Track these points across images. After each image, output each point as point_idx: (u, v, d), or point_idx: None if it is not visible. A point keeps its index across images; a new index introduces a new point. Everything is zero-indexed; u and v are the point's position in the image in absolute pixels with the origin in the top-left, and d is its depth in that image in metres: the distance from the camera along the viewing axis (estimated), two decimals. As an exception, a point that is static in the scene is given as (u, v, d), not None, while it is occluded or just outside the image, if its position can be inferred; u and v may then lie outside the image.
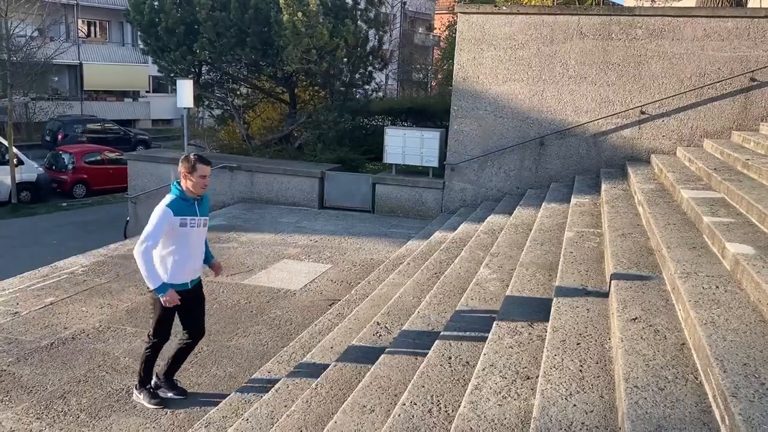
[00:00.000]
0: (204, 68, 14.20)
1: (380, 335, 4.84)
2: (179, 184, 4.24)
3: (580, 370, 3.11)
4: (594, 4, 15.90)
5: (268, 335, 5.76)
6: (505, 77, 9.34)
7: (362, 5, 13.89)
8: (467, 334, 4.23)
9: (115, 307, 6.38)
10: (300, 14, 11.98)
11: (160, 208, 4.12)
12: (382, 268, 7.37)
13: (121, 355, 5.29)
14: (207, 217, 4.38)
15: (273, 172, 11.57)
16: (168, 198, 4.18)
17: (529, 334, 3.88)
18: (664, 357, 2.95)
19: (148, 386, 4.55)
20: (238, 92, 15.17)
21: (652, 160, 8.24)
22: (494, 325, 4.04)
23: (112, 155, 18.69)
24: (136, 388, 4.58)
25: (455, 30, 9.80)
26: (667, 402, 2.55)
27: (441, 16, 36.80)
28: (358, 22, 13.60)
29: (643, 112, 8.73)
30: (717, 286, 3.52)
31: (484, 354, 3.61)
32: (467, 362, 3.84)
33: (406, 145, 10.91)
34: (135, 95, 33.28)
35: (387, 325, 5.01)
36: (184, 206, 4.18)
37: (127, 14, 14.20)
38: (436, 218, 10.06)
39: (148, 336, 4.45)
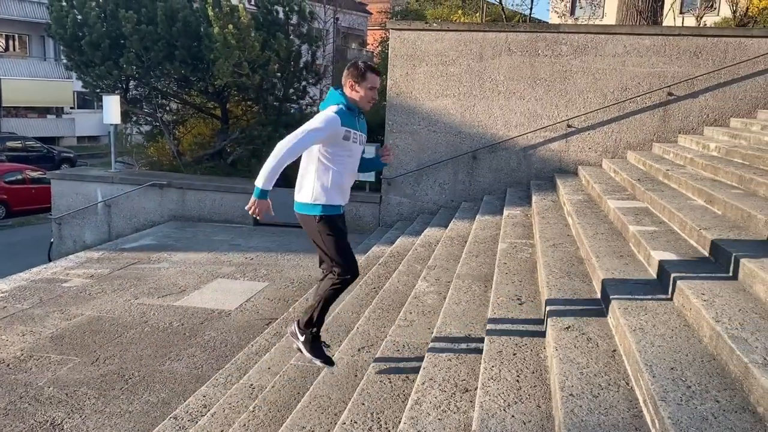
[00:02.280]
0: (131, 83, 13.80)
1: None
2: (342, 92, 3.72)
3: (517, 381, 3.15)
4: (521, 21, 16.42)
5: (202, 358, 5.59)
6: (438, 92, 9.49)
7: (294, 20, 13.85)
8: (406, 348, 4.23)
9: (39, 334, 6.05)
10: (231, 27, 11.83)
11: (325, 114, 3.58)
12: (319, 285, 7.29)
13: (45, 385, 5.01)
14: (365, 135, 3.84)
15: (205, 189, 11.32)
16: (333, 107, 3.63)
17: (467, 345, 3.91)
18: (597, 364, 3.02)
19: (313, 330, 3.93)
20: (167, 108, 14.81)
21: (579, 172, 8.53)
22: (432, 338, 4.05)
23: (34, 174, 17.86)
24: (298, 327, 3.94)
25: (388, 46, 9.89)
26: (601, 409, 2.61)
27: (374, 32, 37.18)
28: (291, 36, 13.55)
29: (569, 126, 9.03)
30: (644, 293, 3.65)
31: (423, 368, 3.61)
32: (407, 377, 3.83)
33: (342, 159, 10.90)
34: (59, 111, 32.00)
35: (326, 343, 4.94)
36: (349, 117, 3.63)
37: (48, 28, 13.65)
38: (373, 232, 10.06)
39: (337, 273, 3.75)
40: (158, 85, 13.84)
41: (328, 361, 3.98)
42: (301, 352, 4.03)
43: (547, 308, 3.81)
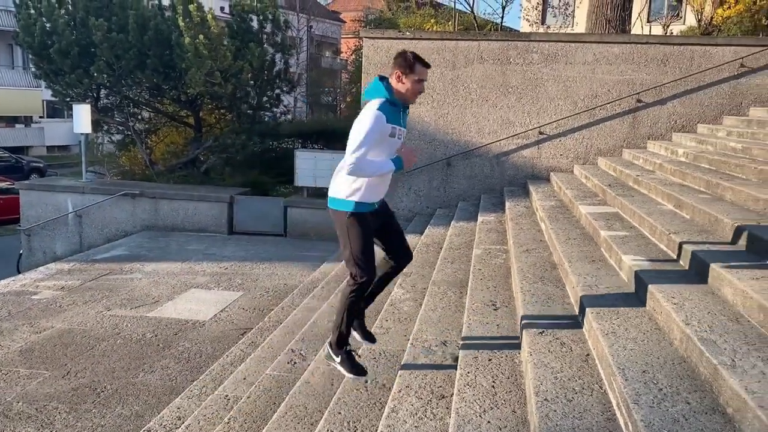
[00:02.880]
0: (102, 92, 13.63)
1: (295, 363, 4.75)
2: (385, 84, 3.47)
3: (493, 386, 3.17)
4: (493, 29, 16.60)
5: (176, 369, 5.52)
6: (412, 100, 9.52)
7: (269, 29, 13.83)
8: (383, 356, 4.23)
9: (7, 348, 5.92)
10: (202, 37, 11.77)
11: (370, 112, 3.33)
12: (296, 293, 7.27)
13: (13, 400, 4.90)
14: (405, 130, 3.61)
15: (178, 198, 11.21)
16: (375, 101, 3.40)
17: (443, 352, 3.92)
18: (570, 368, 3.06)
19: (347, 347, 3.69)
20: (139, 116, 14.65)
21: (551, 178, 8.63)
22: (408, 345, 4.05)
23: (2, 185, 17.48)
24: (331, 348, 3.71)
25: (362, 54, 9.92)
26: (575, 413, 2.64)
27: (347, 40, 37.26)
28: (264, 45, 13.52)
29: (541, 133, 9.14)
30: (616, 297, 3.71)
31: (400, 375, 3.62)
32: (384, 384, 3.83)
33: (318, 167, 10.91)
34: (27, 121, 31.42)
35: (302, 352, 4.93)
36: (392, 112, 3.42)
37: (16, 36, 13.42)
38: (348, 240, 10.04)
39: (353, 276, 3.56)
40: (130, 94, 13.69)
41: (362, 372, 3.71)
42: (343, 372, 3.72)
43: (522, 313, 3.84)
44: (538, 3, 18.07)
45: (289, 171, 11.43)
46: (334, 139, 14.14)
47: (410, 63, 3.43)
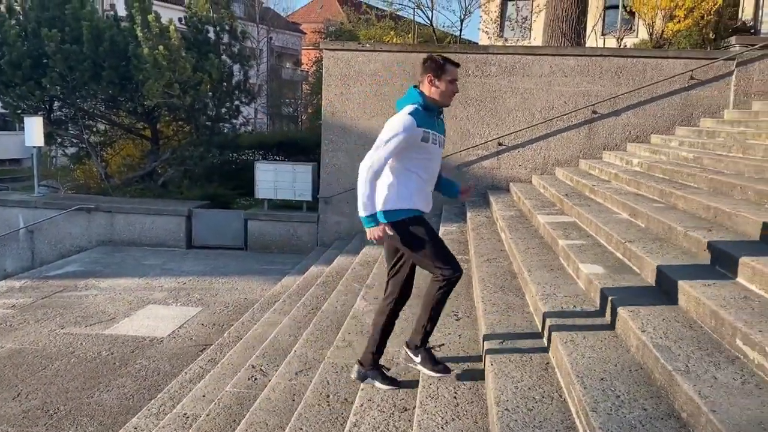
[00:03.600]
0: (55, 104, 13.29)
1: (256, 379, 4.67)
2: (419, 91, 3.43)
3: (455, 397, 3.17)
4: (451, 42, 16.79)
5: (133, 388, 5.37)
6: (373, 112, 9.56)
7: (226, 40, 13.71)
8: (345, 370, 4.19)
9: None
10: (161, 48, 11.60)
11: (401, 115, 3.30)
12: (256, 308, 7.17)
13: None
14: (445, 137, 3.56)
15: (135, 212, 10.98)
16: (408, 107, 3.35)
17: (406, 364, 3.90)
18: (531, 378, 3.08)
19: (428, 345, 3.54)
20: (94, 129, 14.31)
21: (511, 188, 8.74)
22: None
23: (-52, 200, 16.85)
24: (410, 350, 3.53)
25: (322, 65, 9.92)
26: (535, 422, 2.65)
27: (308, 51, 37.22)
28: (223, 56, 13.39)
29: (500, 144, 9.26)
30: (574, 305, 3.76)
31: (362, 389, 3.59)
32: (346, 399, 3.79)
33: (278, 179, 10.82)
34: (-24, 133, 30.39)
35: (263, 368, 4.86)
36: (426, 117, 3.35)
37: (-36, 47, 12.99)
38: (311, 252, 9.99)
39: (443, 276, 3.36)
40: (84, 106, 13.38)
41: (446, 370, 3.44)
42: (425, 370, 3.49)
43: (483, 323, 3.86)
44: (496, 16, 18.38)
45: (250, 183, 11.31)
46: (296, 150, 14.07)
47: (440, 65, 3.40)
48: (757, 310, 2.87)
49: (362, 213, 3.36)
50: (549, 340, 3.41)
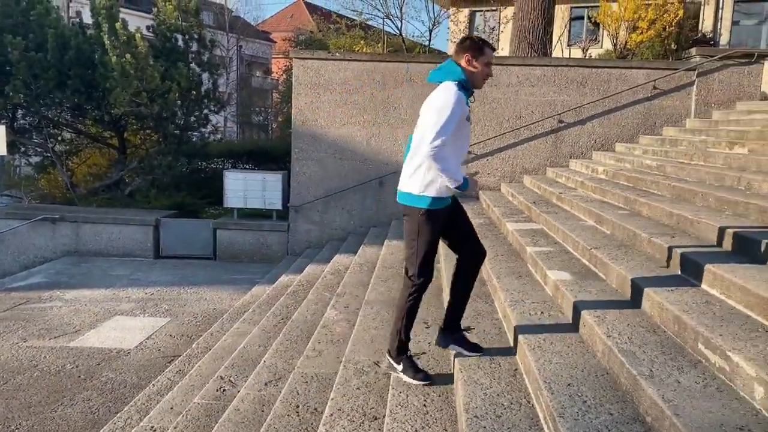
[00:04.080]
0: (19, 112, 13.01)
1: (224, 390, 4.62)
2: (462, 67, 3.32)
3: (425, 405, 3.18)
4: (421, 52, 16.92)
5: (99, 401, 5.26)
6: (343, 120, 9.57)
7: (195, 48, 13.59)
8: (315, 379, 4.17)
9: None
10: (128, 56, 11.46)
11: (451, 93, 3.18)
12: (225, 318, 7.09)
13: None
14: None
15: (102, 222, 10.79)
16: (451, 83, 3.25)
17: (376, 373, 3.90)
18: (499, 384, 3.10)
19: (409, 353, 3.49)
20: (59, 137, 14.03)
21: (480, 196, 8.82)
22: (341, 367, 4.01)
23: None
24: (392, 357, 3.50)
25: (292, 74, 9.90)
26: (504, 428, 2.67)
27: (278, 60, 37.12)
28: (191, 64, 13.27)
29: (469, 153, 9.34)
30: (541, 312, 3.80)
31: (332, 399, 3.57)
32: (315, 409, 3.77)
33: (248, 188, 10.74)
34: (-65, 142, 29.54)
35: (231, 379, 4.80)
36: (466, 96, 3.27)
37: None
38: (282, 261, 9.93)
39: (410, 277, 3.39)
40: (49, 114, 13.11)
41: (428, 377, 3.44)
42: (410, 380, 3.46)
43: (452, 331, 3.87)
44: (464, 27, 18.57)
45: (219, 192, 11.21)
46: (266, 159, 13.99)
47: (479, 46, 3.32)
48: (718, 315, 2.95)
49: (453, 184, 3.22)
50: (517, 346, 3.44)
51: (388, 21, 17.46)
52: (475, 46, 3.33)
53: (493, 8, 17.33)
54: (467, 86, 3.30)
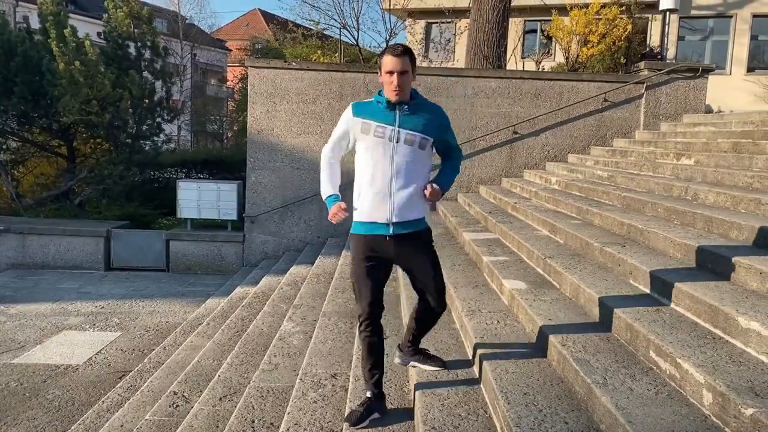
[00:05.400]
0: (-39, 120, 12.52)
1: (177, 406, 4.50)
2: None
3: (383, 418, 3.15)
4: (378, 62, 17.00)
5: (44, 420, 5.06)
6: (300, 130, 9.51)
7: (148, 56, 13.34)
8: (271, 393, 4.10)
9: None
10: (77, 63, 11.17)
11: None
12: (179, 331, 6.93)
13: None
14: (421, 134, 3.06)
15: (49, 233, 10.43)
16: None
17: (333, 385, 3.87)
18: (457, 395, 3.10)
19: (369, 394, 3.15)
20: (4, 146, 13.54)
21: (437, 206, 8.86)
22: (297, 380, 3.96)
23: None
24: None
25: (248, 83, 9.80)
26: (461, 439, 2.67)
27: (234, 68, 36.74)
28: (144, 72, 13.02)
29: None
30: (498, 321, 3.83)
31: (288, 413, 3.51)
32: (272, 423, 3.71)
33: (202, 198, 10.55)
34: None
35: (185, 394, 4.68)
36: (372, 107, 3.08)
37: None
38: (237, 273, 9.78)
39: (357, 314, 3.22)
40: (-7, 122, 12.66)
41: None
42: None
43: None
44: (421, 38, 18.75)
45: (172, 202, 10.98)
46: (221, 168, 13.77)
47: (382, 53, 3.11)
48: (668, 323, 3.02)
49: (322, 195, 3.30)
50: (474, 356, 3.46)
51: (345, 31, 17.49)
52: (381, 54, 3.11)
53: (449, 20, 17.56)
54: (384, 100, 3.08)
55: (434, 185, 3.14)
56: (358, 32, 19.66)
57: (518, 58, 15.87)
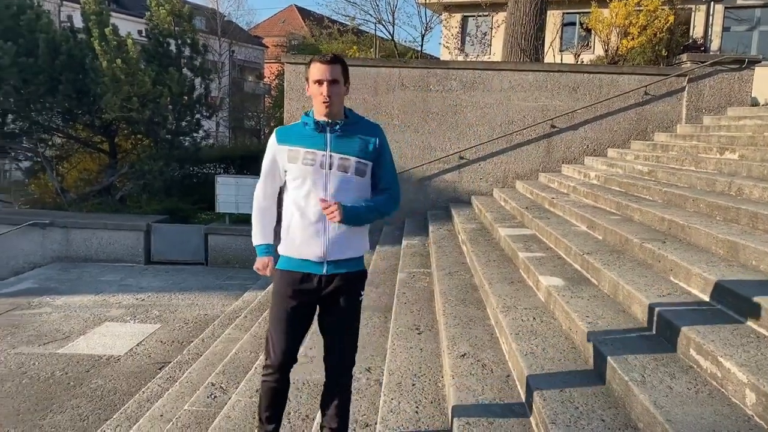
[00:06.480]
0: (9, 117, 12.94)
1: (215, 397, 4.58)
2: None
3: (416, 412, 3.16)
4: (413, 57, 16.94)
5: (88, 408, 5.21)
6: (335, 125, 9.55)
7: (188, 53, 13.57)
8: (306, 386, 4.14)
9: None
10: (119, 61, 11.43)
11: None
12: (217, 324, 7.05)
13: None
14: (357, 158, 2.68)
15: (92, 227, 10.72)
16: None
17: (367, 379, 3.89)
18: (491, 391, 3.09)
19: None
20: (50, 142, 13.96)
21: (472, 201, 8.82)
22: (332, 374, 3.98)
23: None
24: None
25: (284, 79, 9.88)
26: (496, 435, 2.66)
27: (270, 65, 37.10)
28: (184, 69, 13.25)
29: (462, 157, 9.35)
30: (534, 318, 3.79)
31: (323, 405, 3.54)
32: (307, 416, 3.74)
33: (240, 193, 10.70)
34: (-76, 146, 29.32)
35: (222, 386, 4.76)
36: (297, 131, 2.74)
37: None
38: (272, 267, 9.88)
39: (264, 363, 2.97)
40: (39, 119, 13.04)
41: None
42: None
43: (444, 336, 3.87)
44: (457, 32, 18.62)
45: (210, 197, 11.17)
46: (258, 164, 13.93)
47: (309, 62, 2.78)
48: (709, 320, 2.94)
49: (253, 242, 2.94)
50: (509, 352, 3.43)
51: (381, 26, 17.48)
52: (309, 63, 2.75)
53: (485, 13, 17.39)
54: (313, 121, 2.74)
55: (338, 203, 2.58)
56: (393, 27, 19.62)
57: (556, 51, 15.62)
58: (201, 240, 10.63)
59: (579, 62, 14.23)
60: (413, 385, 3.46)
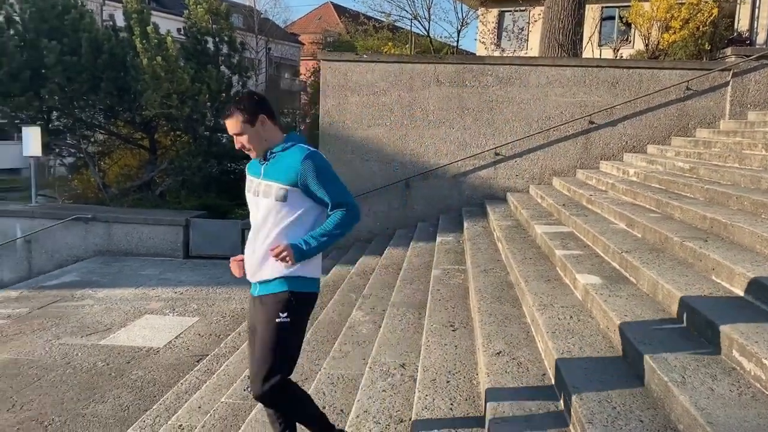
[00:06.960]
0: (53, 114, 13.33)
1: (251, 390, 4.65)
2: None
3: (451, 409, 3.15)
4: (449, 53, 16.86)
5: (129, 399, 5.34)
6: (370, 122, 9.58)
7: (225, 51, 13.77)
8: (341, 380, 4.18)
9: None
10: (159, 59, 11.65)
11: None
12: (253, 318, 7.14)
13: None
14: (281, 184, 2.76)
15: (132, 222, 10.96)
16: None
17: (402, 375, 3.90)
18: (527, 389, 3.06)
19: None
20: (92, 139, 14.34)
21: (508, 198, 8.75)
22: (367, 369, 4.02)
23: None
24: None
25: (320, 76, 9.95)
26: (531, 433, 2.64)
27: (306, 62, 37.35)
28: (221, 67, 13.45)
29: (497, 154, 9.28)
30: (571, 316, 3.75)
31: (358, 400, 3.57)
32: (341, 410, 3.77)
33: (276, 189, 10.81)
34: (-27, 143, 30.36)
35: (258, 378, 4.83)
36: (254, 163, 2.95)
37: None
38: (307, 262, 9.96)
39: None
40: (82, 116, 13.41)
41: None
42: None
43: (479, 334, 3.85)
44: (493, 27, 18.48)
45: (247, 193, 11.31)
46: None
47: None
48: (753, 321, 2.87)
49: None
50: (545, 350, 3.40)
51: (416, 22, 17.45)
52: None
53: (522, 8, 17.21)
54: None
55: (284, 244, 2.72)
56: (429, 23, 19.56)
57: (594, 46, 15.38)
58: (238, 235, 10.78)
59: (618, 57, 13.98)
60: (448, 382, 3.46)
